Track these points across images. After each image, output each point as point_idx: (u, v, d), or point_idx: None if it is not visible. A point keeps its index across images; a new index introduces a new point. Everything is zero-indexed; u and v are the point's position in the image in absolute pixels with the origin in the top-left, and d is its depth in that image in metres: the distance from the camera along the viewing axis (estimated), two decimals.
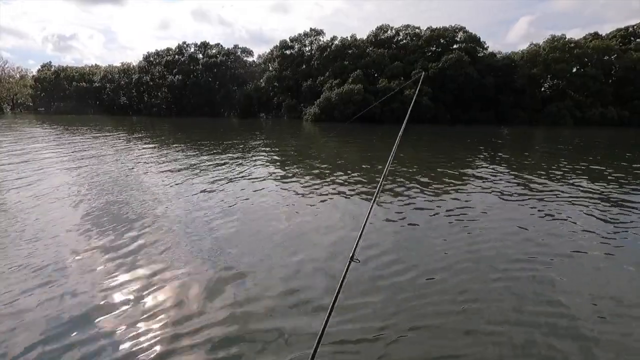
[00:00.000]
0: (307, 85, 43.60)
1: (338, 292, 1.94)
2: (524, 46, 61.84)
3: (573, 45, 40.17)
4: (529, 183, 9.56)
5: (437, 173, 10.73)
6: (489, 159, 13.97)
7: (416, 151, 16.59)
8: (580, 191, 8.66)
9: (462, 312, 3.61)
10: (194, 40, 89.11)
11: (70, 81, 59.47)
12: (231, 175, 9.91)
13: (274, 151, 16.10)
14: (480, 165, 12.34)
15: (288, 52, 48.55)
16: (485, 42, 43.35)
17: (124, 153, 14.08)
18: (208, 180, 9.16)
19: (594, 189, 8.92)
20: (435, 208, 7.09)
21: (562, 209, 7.17)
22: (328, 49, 44.85)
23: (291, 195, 7.96)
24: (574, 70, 40.27)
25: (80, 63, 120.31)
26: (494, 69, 40.64)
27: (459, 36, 43.36)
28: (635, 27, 42.45)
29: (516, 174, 10.89)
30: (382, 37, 45.95)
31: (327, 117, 37.80)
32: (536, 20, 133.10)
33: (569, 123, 37.12)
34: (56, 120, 37.15)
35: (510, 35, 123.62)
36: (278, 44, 49.09)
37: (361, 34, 58.40)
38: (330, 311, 1.80)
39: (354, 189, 8.53)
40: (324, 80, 42.43)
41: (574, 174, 10.94)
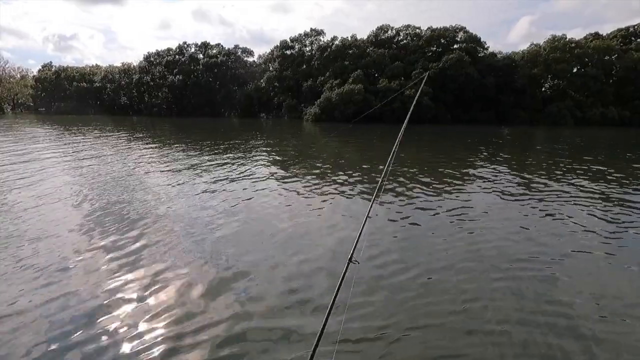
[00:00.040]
0: (308, 86, 43.62)
1: (337, 293, 1.96)
2: (524, 46, 61.89)
3: (574, 45, 40.15)
4: (529, 183, 9.56)
5: (438, 173, 10.74)
6: (489, 159, 13.97)
7: (417, 151, 16.60)
8: (581, 191, 8.66)
9: (464, 312, 3.62)
10: (195, 40, 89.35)
11: (71, 81, 59.52)
12: (233, 175, 9.93)
13: (275, 151, 16.12)
14: (481, 165, 12.34)
15: (288, 52, 48.59)
16: (485, 42, 43.42)
17: (125, 153, 14.10)
18: (210, 180, 9.17)
19: (595, 188, 8.93)
20: (436, 208, 7.10)
21: (563, 208, 7.18)
22: (328, 49, 44.89)
23: (293, 195, 7.97)
24: (575, 70, 40.26)
25: (81, 63, 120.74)
26: (494, 69, 40.63)
27: (460, 36, 43.36)
28: (636, 27, 42.43)
29: (517, 174, 10.89)
30: (383, 37, 45.96)
31: (328, 117, 37.82)
32: (537, 20, 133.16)
33: (569, 123, 37.10)
34: (57, 121, 37.20)
35: (511, 35, 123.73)
36: (278, 44, 49.18)
37: (361, 34, 58.50)
38: (329, 311, 1.82)
39: (355, 188, 8.54)
40: (324, 80, 42.45)
41: (574, 173, 10.94)
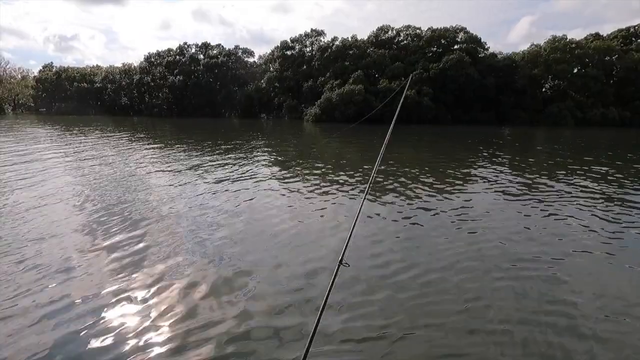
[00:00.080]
0: (308, 86, 43.67)
1: (328, 295, 1.98)
2: (525, 46, 61.91)
3: (574, 45, 40.19)
4: (530, 183, 9.58)
5: (439, 173, 10.75)
6: (490, 159, 13.98)
7: (417, 152, 16.61)
8: (582, 191, 8.67)
9: (466, 311, 3.63)
10: (195, 40, 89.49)
11: (72, 82, 59.63)
12: (234, 175, 9.95)
13: (276, 151, 16.14)
14: (482, 166, 12.35)
15: (289, 53, 48.65)
16: (486, 43, 43.50)
17: (127, 154, 14.12)
18: (211, 181, 9.19)
19: (596, 189, 8.94)
20: (437, 208, 7.11)
21: (564, 208, 7.19)
22: (329, 50, 44.95)
23: (295, 195, 7.98)
24: (575, 70, 40.28)
25: (82, 63, 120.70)
26: (494, 69, 40.66)
27: (460, 37, 43.41)
28: (637, 28, 42.46)
29: (518, 174, 10.90)
30: (383, 38, 46.02)
31: (328, 118, 37.87)
32: (537, 21, 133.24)
33: (570, 123, 37.12)
34: (58, 121, 37.26)
35: (511, 35, 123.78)
36: (279, 45, 49.25)
37: (361, 34, 58.63)
38: (320, 313, 1.84)
39: (356, 188, 8.55)
40: (324, 80, 42.50)
41: (575, 174, 10.95)
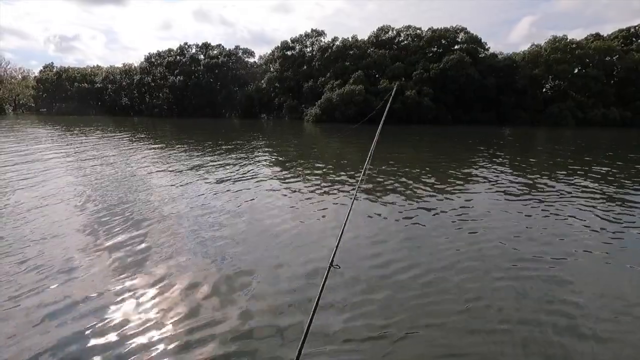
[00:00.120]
0: (308, 86, 43.68)
1: (318, 298, 1.99)
2: (525, 47, 61.82)
3: (575, 45, 40.16)
4: (531, 183, 9.58)
5: (440, 173, 10.75)
6: (491, 159, 13.98)
7: (418, 152, 16.62)
8: (583, 191, 8.67)
9: (467, 311, 3.64)
10: (196, 40, 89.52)
11: (72, 82, 59.68)
12: (236, 176, 9.96)
13: (277, 152, 16.15)
14: (483, 166, 12.35)
15: (289, 53, 48.65)
16: (486, 43, 43.47)
17: (128, 154, 14.14)
18: (213, 181, 9.20)
19: (597, 189, 8.94)
20: (438, 208, 7.12)
21: (565, 208, 7.19)
22: (329, 50, 44.95)
23: (296, 195, 7.99)
24: (576, 71, 40.25)
25: (83, 64, 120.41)
26: (495, 69, 40.65)
27: (460, 37, 43.41)
28: (637, 28, 42.44)
29: (519, 174, 10.91)
30: (383, 38, 46.02)
31: (328, 118, 37.88)
32: (538, 21, 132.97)
33: (570, 124, 37.11)
34: (58, 121, 37.30)
35: (511, 35, 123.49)
36: (279, 45, 49.25)
37: (362, 34, 58.66)
38: (311, 317, 1.85)
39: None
40: (325, 81, 42.50)
41: (576, 174, 10.95)
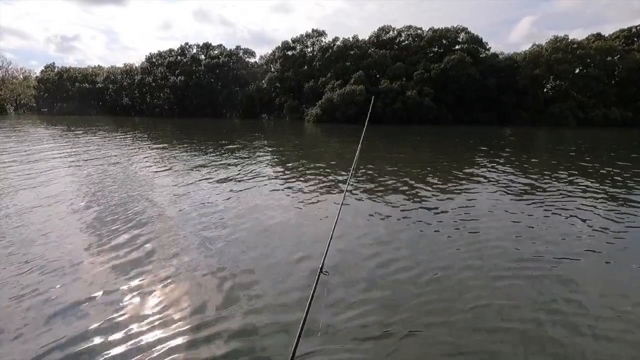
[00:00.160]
0: (309, 86, 43.66)
1: (310, 303, 2.00)
2: (526, 47, 61.81)
3: (576, 45, 40.08)
4: (533, 183, 9.57)
5: (441, 173, 10.75)
6: (492, 159, 13.96)
7: (419, 152, 16.62)
8: (585, 191, 8.66)
9: (470, 310, 3.63)
10: (196, 40, 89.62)
11: (73, 82, 59.73)
12: (238, 176, 9.96)
13: (278, 152, 16.16)
14: (484, 166, 12.34)
15: (290, 53, 48.63)
16: (487, 43, 43.39)
17: (130, 154, 14.15)
18: (215, 181, 9.20)
19: (599, 189, 8.92)
20: (440, 207, 7.11)
21: (568, 208, 7.18)
22: (330, 50, 44.92)
23: (298, 195, 7.98)
24: (577, 71, 40.16)
25: (83, 64, 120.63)
26: (496, 69, 40.59)
27: (461, 37, 43.36)
28: (639, 28, 42.35)
29: (520, 174, 10.89)
30: (384, 38, 45.99)
31: (329, 118, 37.86)
32: (538, 21, 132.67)
33: (571, 124, 37.05)
34: (60, 121, 37.34)
35: (512, 35, 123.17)
36: (280, 45, 49.25)
37: (362, 34, 58.56)
38: (303, 323, 1.86)
39: (360, 188, 8.56)
40: (325, 81, 42.48)
41: (578, 174, 10.94)
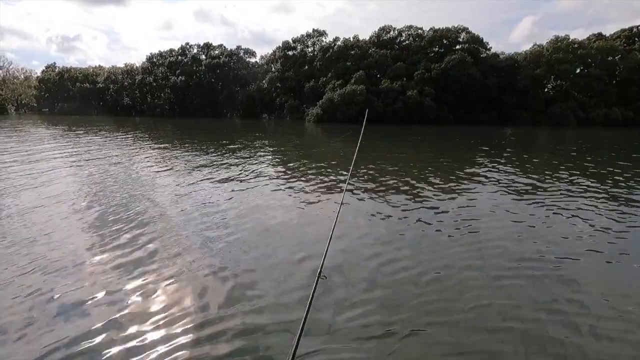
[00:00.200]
0: (310, 86, 43.66)
1: (309, 307, 1.98)
2: (527, 46, 61.74)
3: (577, 45, 40.04)
4: (534, 183, 9.54)
5: (442, 173, 10.72)
6: (493, 159, 13.94)
7: (420, 152, 16.60)
8: (587, 191, 8.63)
9: (471, 310, 3.61)
10: (197, 40, 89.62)
11: (74, 82, 59.81)
12: (240, 176, 9.93)
13: (279, 151, 16.15)
14: (485, 165, 12.32)
15: (290, 53, 48.64)
16: (488, 43, 43.35)
17: (131, 154, 14.15)
18: (217, 181, 9.18)
19: (601, 188, 8.90)
20: (441, 207, 7.09)
21: (569, 208, 7.16)
22: (330, 50, 44.92)
23: (300, 195, 7.96)
24: (578, 70, 40.11)
25: (84, 64, 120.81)
26: (497, 69, 40.56)
27: (462, 37, 43.33)
28: None
29: (521, 174, 10.87)
30: (385, 38, 45.98)
31: (330, 118, 37.85)
32: (539, 21, 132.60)
33: (572, 124, 37.01)
34: (61, 121, 37.37)
35: (513, 35, 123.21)
36: (281, 45, 49.26)
37: (363, 34, 58.40)
38: (303, 324, 1.84)
39: (362, 188, 8.55)
40: (326, 81, 42.47)
41: (579, 174, 10.91)
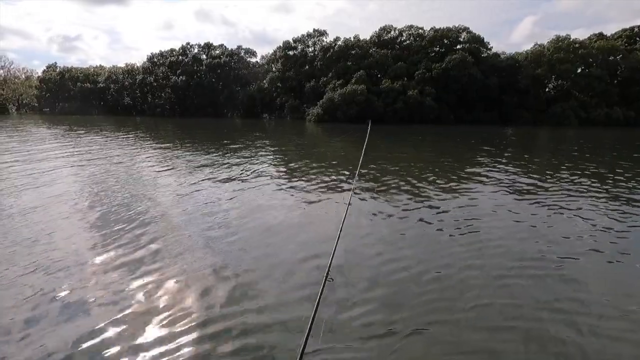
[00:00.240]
0: (310, 86, 43.62)
1: (317, 308, 1.98)
2: (528, 46, 61.67)
3: (578, 45, 39.95)
4: (535, 182, 9.52)
5: (443, 173, 10.71)
6: (494, 159, 13.91)
7: (421, 151, 16.58)
8: (589, 190, 8.62)
9: (473, 309, 3.61)
10: (198, 40, 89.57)
11: (75, 82, 59.84)
12: (241, 175, 9.92)
13: (281, 151, 16.15)
14: (486, 165, 12.30)
15: (291, 53, 48.59)
16: (489, 43, 43.22)
17: (132, 153, 14.15)
18: (219, 181, 9.17)
19: (602, 188, 8.88)
20: (442, 207, 7.08)
21: (570, 208, 7.15)
22: (331, 50, 44.87)
23: (301, 195, 7.96)
24: (579, 70, 40.04)
25: (85, 64, 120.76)
26: (497, 69, 40.49)
27: (463, 36, 43.24)
28: None
29: (522, 173, 10.84)
30: (386, 38, 45.92)
31: (330, 118, 37.82)
32: (539, 21, 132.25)
33: (573, 123, 36.94)
34: (62, 121, 37.39)
35: (514, 35, 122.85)
36: (281, 45, 49.20)
37: (363, 34, 58.35)
38: (311, 324, 1.84)
39: (363, 188, 8.53)
40: (327, 80, 42.43)
41: (581, 173, 10.89)
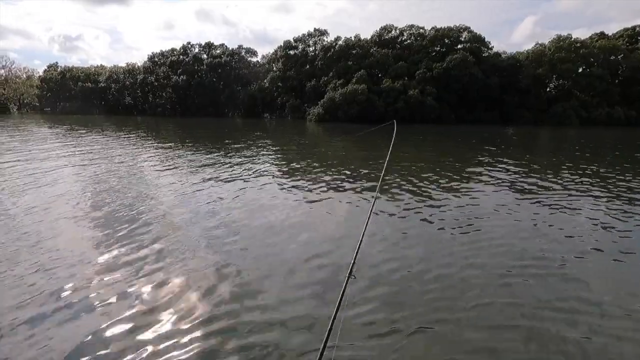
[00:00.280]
0: (311, 86, 43.62)
1: (338, 306, 1.98)
2: (529, 46, 61.55)
3: (579, 45, 39.92)
4: (537, 182, 9.52)
5: (445, 172, 10.70)
6: (495, 158, 13.90)
7: (422, 151, 16.57)
8: (590, 190, 8.62)
9: (476, 308, 3.62)
10: (198, 40, 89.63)
11: (76, 81, 59.90)
12: (243, 175, 9.92)
13: (282, 151, 16.16)
14: (488, 165, 12.30)
15: (292, 53, 48.59)
16: (490, 42, 43.22)
17: (134, 153, 14.16)
18: (221, 181, 9.16)
19: (604, 188, 8.87)
20: (444, 206, 7.09)
21: (572, 207, 7.15)
22: (332, 49, 44.85)
23: (304, 194, 7.96)
24: (580, 70, 40.01)
25: (86, 63, 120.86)
26: (498, 69, 40.46)
27: (464, 36, 43.20)
28: None
29: (524, 173, 10.84)
30: (386, 37, 45.89)
31: (331, 118, 37.83)
32: (540, 21, 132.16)
33: (574, 123, 36.91)
34: (63, 120, 37.42)
35: (515, 35, 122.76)
36: (282, 44, 49.20)
37: (364, 34, 58.28)
38: (331, 326, 1.83)
39: (366, 188, 8.54)
40: (327, 80, 42.43)
41: (582, 173, 10.89)
